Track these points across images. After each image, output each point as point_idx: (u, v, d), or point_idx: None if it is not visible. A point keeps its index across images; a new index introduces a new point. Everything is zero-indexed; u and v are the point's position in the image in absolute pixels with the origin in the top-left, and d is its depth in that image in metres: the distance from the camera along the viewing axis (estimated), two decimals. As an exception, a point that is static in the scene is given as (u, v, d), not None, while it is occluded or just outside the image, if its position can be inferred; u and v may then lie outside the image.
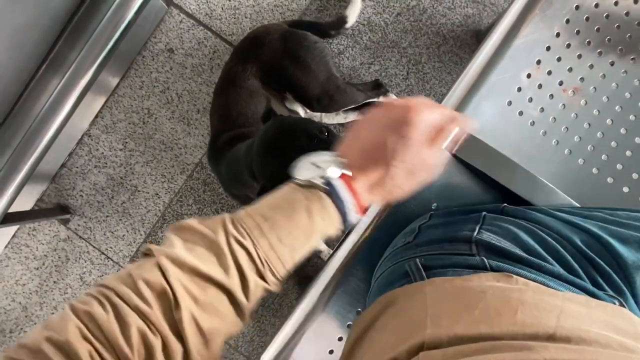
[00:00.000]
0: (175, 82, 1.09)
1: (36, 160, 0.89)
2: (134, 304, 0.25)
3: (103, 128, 1.10)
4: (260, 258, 0.30)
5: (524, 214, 0.44)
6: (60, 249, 1.11)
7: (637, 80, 0.57)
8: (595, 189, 0.56)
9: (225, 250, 0.29)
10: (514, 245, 0.39)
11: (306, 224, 0.32)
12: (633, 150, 0.56)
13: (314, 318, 0.55)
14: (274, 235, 0.30)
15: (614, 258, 0.37)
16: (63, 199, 1.11)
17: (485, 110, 0.54)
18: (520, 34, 0.54)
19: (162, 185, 1.10)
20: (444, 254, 0.41)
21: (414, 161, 0.34)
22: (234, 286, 0.28)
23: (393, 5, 1.07)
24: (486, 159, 0.52)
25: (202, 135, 1.09)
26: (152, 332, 0.25)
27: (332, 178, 0.33)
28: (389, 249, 0.50)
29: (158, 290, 0.26)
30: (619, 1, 0.57)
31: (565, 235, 0.40)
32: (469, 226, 0.43)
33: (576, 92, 0.56)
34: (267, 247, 0.30)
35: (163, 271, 0.27)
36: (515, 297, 0.30)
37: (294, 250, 0.31)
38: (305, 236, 0.32)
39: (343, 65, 1.08)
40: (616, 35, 0.57)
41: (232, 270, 0.28)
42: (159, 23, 1.08)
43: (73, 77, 0.93)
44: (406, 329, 0.31)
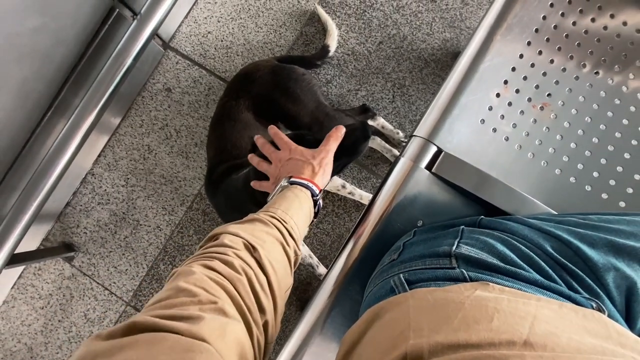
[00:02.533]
0: (173, 119, 1.15)
1: (42, 201, 0.93)
2: (231, 251, 0.37)
3: (106, 166, 1.15)
4: (280, 218, 0.47)
5: (499, 224, 0.46)
6: (65, 287, 1.12)
7: (603, 92, 0.60)
8: (574, 197, 0.57)
9: (264, 219, 0.45)
10: (490, 255, 0.41)
11: (295, 199, 0.52)
12: (607, 158, 0.58)
13: (312, 341, 0.55)
14: (281, 208, 0.49)
15: (584, 262, 0.38)
16: (68, 237, 1.14)
17: (460, 129, 0.58)
18: (486, 58, 0.58)
19: (163, 218, 1.12)
20: (426, 268, 0.43)
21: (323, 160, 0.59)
22: (278, 234, 0.44)
23: (375, 35, 1.14)
24: (464, 175, 0.55)
25: (200, 167, 1.14)
26: (248, 266, 0.37)
27: (288, 181, 0.56)
28: (378, 267, 0.52)
29: (239, 243, 0.39)
30: (576, 21, 0.61)
31: (538, 243, 0.41)
32: (448, 241, 0.45)
33: (545, 107, 0.59)
34: (281, 213, 0.48)
35: (235, 234, 0.40)
36: (491, 306, 0.31)
37: (294, 213, 0.50)
38: (298, 206, 0.52)
39: (331, 93, 1.13)
40: (577, 52, 0.60)
41: (272, 227, 0.45)
42: (156, 65, 1.16)
43: (77, 121, 0.99)
44: (390, 341, 0.32)
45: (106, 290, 1.12)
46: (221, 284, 0.33)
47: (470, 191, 0.54)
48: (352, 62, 1.14)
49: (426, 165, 0.57)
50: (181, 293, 0.30)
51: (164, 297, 0.30)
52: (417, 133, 0.58)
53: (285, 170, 0.60)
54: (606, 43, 0.61)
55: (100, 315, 1.11)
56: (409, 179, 0.57)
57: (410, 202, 0.57)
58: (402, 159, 0.58)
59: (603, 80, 0.61)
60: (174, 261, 1.11)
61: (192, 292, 0.30)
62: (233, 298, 0.32)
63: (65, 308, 1.12)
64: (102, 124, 1.02)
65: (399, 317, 0.35)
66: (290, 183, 0.55)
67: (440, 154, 0.57)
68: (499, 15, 0.59)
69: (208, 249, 0.38)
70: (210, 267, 0.34)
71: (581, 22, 0.61)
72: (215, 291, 0.32)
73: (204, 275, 0.33)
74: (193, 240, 1.11)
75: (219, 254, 0.37)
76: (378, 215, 0.57)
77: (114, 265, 1.12)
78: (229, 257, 0.36)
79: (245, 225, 0.43)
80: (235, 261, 0.36)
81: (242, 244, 0.39)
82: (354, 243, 0.57)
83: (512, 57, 0.59)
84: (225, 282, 0.33)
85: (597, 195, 0.57)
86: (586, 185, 0.58)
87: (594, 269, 0.38)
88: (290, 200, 0.51)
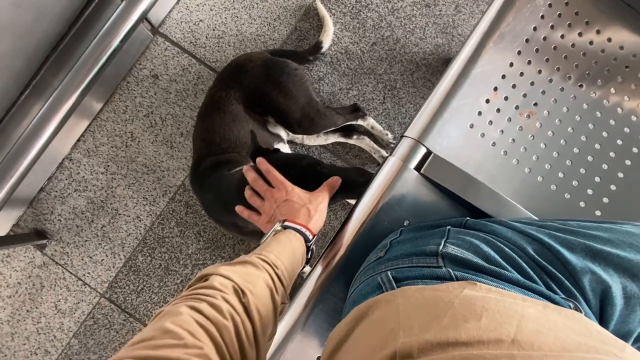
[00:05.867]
0: (159, 107, 1.12)
1: (14, 185, 0.89)
2: (220, 295, 0.37)
3: (85, 152, 1.10)
4: (272, 264, 0.46)
5: (484, 226, 0.47)
6: (35, 276, 1.07)
7: (586, 104, 0.62)
8: (554, 204, 0.59)
9: (256, 263, 0.44)
10: (475, 256, 0.42)
11: (288, 244, 0.52)
12: (586, 168, 0.60)
13: (293, 337, 0.55)
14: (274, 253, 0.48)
15: (563, 265, 0.40)
16: (40, 223, 1.09)
17: (450, 132, 0.58)
18: (478, 64, 0.59)
19: (144, 208, 1.09)
20: (413, 266, 0.44)
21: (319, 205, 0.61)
22: (269, 279, 0.44)
23: (369, 36, 1.14)
24: (452, 178, 0.56)
25: (185, 158, 1.11)
26: (236, 312, 0.36)
27: (282, 224, 0.56)
28: (363, 264, 0.52)
29: (229, 286, 0.39)
30: (564, 34, 0.63)
31: (520, 245, 0.43)
32: (435, 240, 0.45)
33: (531, 116, 0.61)
34: (274, 257, 0.47)
35: (226, 277, 0.39)
36: (479, 305, 0.32)
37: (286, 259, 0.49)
38: (291, 252, 0.51)
39: (323, 91, 1.13)
40: (564, 64, 0.63)
41: (264, 271, 0.44)
42: (144, 50, 1.12)
43: (56, 102, 0.94)
44: (379, 340, 0.32)
45: (79, 281, 1.07)
46: (207, 328, 0.33)
47: (457, 193, 0.55)
48: (345, 60, 1.14)
49: (415, 166, 0.58)
50: (167, 335, 0.30)
51: (148, 337, 0.30)
52: (408, 134, 0.59)
53: (281, 211, 0.59)
54: (591, 58, 0.63)
55: (72, 307, 1.07)
56: (397, 179, 0.57)
57: (398, 201, 0.57)
58: (391, 159, 0.59)
59: (586, 93, 0.63)
60: (154, 253, 1.08)
61: (178, 334, 0.30)
62: (217, 345, 0.32)
63: (35, 298, 1.07)
64: (83, 107, 0.98)
65: (387, 315, 0.35)
66: (284, 227, 0.55)
67: (429, 155, 0.58)
68: (492, 22, 0.61)
69: (197, 290, 0.38)
70: (197, 309, 0.34)
71: (569, 35, 0.63)
72: (200, 336, 0.32)
73: (190, 317, 0.33)
74: (174, 233, 1.08)
75: (208, 296, 0.36)
76: (365, 213, 0.57)
77: (89, 255, 1.08)
78: (217, 300, 0.36)
79: (237, 267, 0.42)
80: (223, 305, 0.35)
81: (231, 288, 0.38)
82: (340, 241, 0.57)
83: (503, 64, 0.61)
84: (211, 328, 0.33)
85: (576, 203, 0.60)
86: (566, 193, 0.60)
87: (572, 272, 0.40)
88: (283, 245, 0.51)
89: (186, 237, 1.08)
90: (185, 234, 1.08)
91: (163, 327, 0.31)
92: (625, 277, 0.40)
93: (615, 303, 0.40)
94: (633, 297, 0.40)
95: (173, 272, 1.07)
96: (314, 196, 0.60)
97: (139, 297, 1.07)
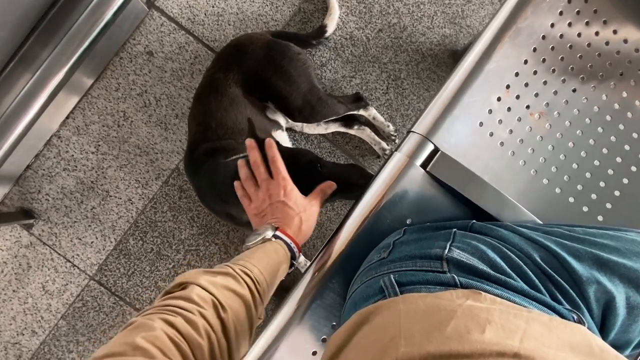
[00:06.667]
0: (153, 86, 1.07)
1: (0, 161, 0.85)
2: (197, 310, 0.35)
3: (74, 130, 1.06)
4: (255, 279, 0.45)
5: (490, 231, 0.46)
6: (22, 256, 1.04)
7: (597, 107, 0.61)
8: (558, 207, 0.59)
9: (238, 277, 0.43)
10: (481, 262, 0.41)
11: (274, 256, 0.51)
12: (592, 172, 0.60)
13: (289, 331, 0.54)
14: (258, 267, 0.47)
15: (569, 274, 0.39)
16: (27, 202, 1.05)
17: (458, 130, 0.57)
18: (492, 59, 0.57)
19: (136, 191, 1.06)
20: (417, 270, 0.43)
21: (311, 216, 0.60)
22: (249, 296, 0.42)
23: (375, 22, 1.10)
24: (458, 177, 0.54)
25: (180, 141, 1.07)
26: (212, 329, 0.35)
27: (274, 234, 0.54)
28: (365, 263, 0.51)
29: (208, 300, 0.37)
30: (581, 33, 0.61)
31: (527, 252, 0.42)
32: (440, 243, 0.44)
33: (541, 116, 0.60)
34: (257, 272, 0.46)
35: (206, 289, 0.38)
36: (483, 316, 0.31)
37: (269, 274, 0.48)
38: (276, 266, 0.50)
39: (325, 78, 1.09)
40: (578, 64, 0.61)
41: (245, 286, 0.43)
42: (138, 25, 1.06)
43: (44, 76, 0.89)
44: (380, 347, 0.31)
45: (68, 262, 1.05)
46: (179, 346, 0.32)
47: (464, 194, 0.53)
48: (349, 47, 1.10)
49: (421, 163, 0.56)
50: (138, 351, 0.29)
51: (118, 352, 0.29)
52: (416, 129, 0.57)
53: (273, 212, 0.57)
54: (605, 59, 0.61)
55: (60, 288, 1.05)
56: (402, 176, 0.56)
57: (401, 198, 0.56)
58: (397, 154, 0.57)
59: (598, 95, 0.61)
60: (145, 237, 1.06)
61: (149, 352, 0.29)
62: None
63: (21, 278, 1.04)
64: (72, 82, 0.93)
65: (389, 322, 0.34)
66: (275, 237, 0.53)
67: (436, 152, 0.56)
68: (510, 16, 0.58)
69: (173, 301, 0.36)
70: (171, 323, 0.33)
71: (585, 33, 0.61)
72: (172, 354, 0.31)
73: (163, 333, 0.32)
74: (167, 217, 1.06)
75: (184, 310, 0.35)
76: (368, 209, 0.56)
77: (78, 237, 1.05)
78: (194, 315, 0.34)
79: (218, 278, 0.40)
80: (199, 322, 0.34)
81: (210, 302, 0.37)
82: (340, 236, 0.56)
83: (517, 61, 0.59)
84: (184, 346, 0.32)
85: (579, 208, 0.59)
86: (570, 197, 0.59)
87: (578, 281, 0.39)
88: (269, 257, 0.50)
89: (179, 222, 1.06)
90: (179, 219, 1.06)
91: (134, 343, 0.30)
92: (630, 287, 0.40)
93: (618, 313, 0.40)
94: (636, 308, 0.40)
95: (165, 257, 1.05)
96: (309, 204, 0.58)
97: (129, 280, 1.05)
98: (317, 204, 0.60)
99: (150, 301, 1.05)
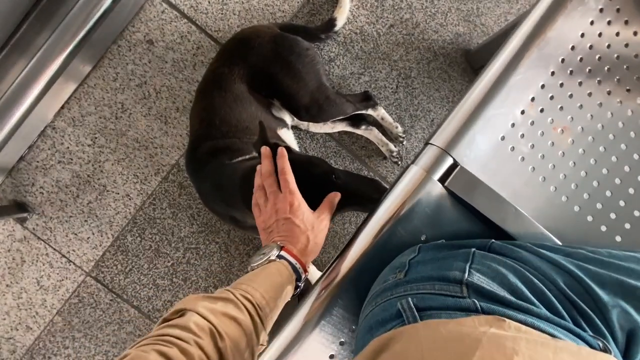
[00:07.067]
0: (153, 77, 1.02)
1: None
2: (193, 339, 0.34)
3: (70, 120, 1.01)
4: (257, 305, 0.43)
5: (511, 252, 0.44)
6: (15, 250, 1.01)
7: (622, 123, 0.59)
8: (575, 226, 0.57)
9: (239, 303, 0.41)
10: (502, 287, 0.40)
11: (277, 277, 0.49)
12: (613, 191, 0.58)
13: (295, 348, 0.53)
14: (260, 290, 0.45)
15: (594, 301, 0.38)
16: (20, 195, 1.01)
17: (479, 143, 0.54)
18: (518, 71, 0.54)
19: (134, 186, 1.03)
20: (436, 294, 0.41)
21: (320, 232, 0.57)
22: (249, 323, 0.41)
23: (387, 17, 1.05)
24: (478, 195, 0.52)
25: (181, 136, 1.03)
26: None
27: (278, 254, 0.52)
28: (378, 283, 0.49)
29: (205, 329, 0.36)
30: (611, 44, 0.58)
31: (550, 277, 0.41)
32: (459, 264, 0.43)
33: (565, 131, 0.57)
34: (259, 297, 0.44)
35: (204, 316, 0.37)
36: (509, 346, 0.30)
37: (272, 298, 0.46)
38: (280, 289, 0.49)
39: (333, 74, 1.05)
40: (606, 77, 0.58)
41: (246, 313, 0.41)
42: (138, 11, 1.00)
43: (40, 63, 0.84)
44: None
45: (63, 258, 1.02)
46: None
47: (483, 213, 0.51)
48: (359, 42, 1.05)
49: (439, 178, 0.53)
50: None
51: None
52: (434, 142, 0.54)
53: (279, 229, 0.55)
54: (634, 72, 0.59)
55: (56, 284, 1.02)
56: (419, 190, 0.53)
57: (417, 213, 0.54)
58: (414, 167, 0.54)
59: (623, 110, 0.59)
60: (144, 234, 1.03)
61: None
62: None
63: (15, 273, 1.02)
64: (68, 70, 0.88)
65: (410, 350, 0.33)
66: (279, 257, 0.51)
67: (455, 167, 0.53)
68: (539, 24, 0.55)
69: (169, 329, 0.35)
70: (166, 355, 0.32)
71: (615, 45, 0.58)
72: None
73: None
74: (166, 214, 1.03)
75: (180, 340, 0.34)
76: (382, 223, 0.53)
77: (74, 232, 1.02)
78: (190, 346, 0.34)
79: (218, 305, 0.39)
80: (195, 352, 0.33)
81: (208, 330, 0.36)
82: (352, 250, 0.54)
83: (544, 72, 0.56)
84: None
85: (597, 227, 0.57)
86: (588, 215, 0.57)
87: (603, 309, 0.39)
88: (272, 278, 0.48)
89: (179, 219, 1.03)
90: (178, 216, 1.03)
91: None
92: None
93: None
94: None
95: (164, 254, 1.03)
96: (317, 220, 0.56)
97: (127, 277, 1.03)
98: (326, 218, 0.57)
99: (148, 299, 1.03)
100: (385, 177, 1.07)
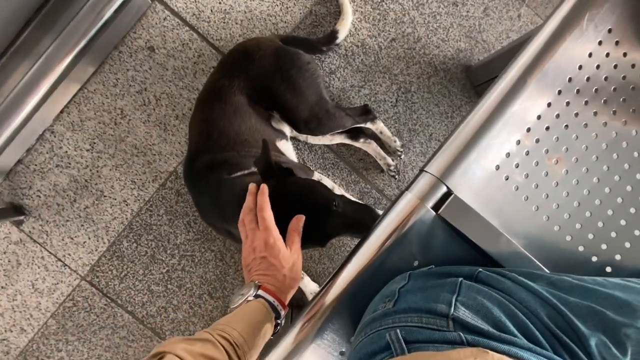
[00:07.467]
0: (153, 84, 1.02)
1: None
2: None
3: (69, 125, 1.01)
4: (235, 344, 0.45)
5: (497, 283, 0.46)
6: (11, 252, 1.02)
7: (616, 155, 0.59)
8: (566, 255, 0.58)
9: (215, 342, 0.43)
10: (485, 322, 0.41)
11: (258, 315, 0.51)
12: (604, 221, 0.58)
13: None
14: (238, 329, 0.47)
15: (576, 334, 0.40)
16: (17, 197, 1.01)
17: (474, 172, 0.54)
18: (516, 102, 0.54)
19: (132, 192, 1.03)
20: (423, 327, 0.42)
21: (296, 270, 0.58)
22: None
23: (389, 30, 1.06)
24: (471, 224, 0.53)
25: (180, 143, 1.04)
26: None
27: (256, 293, 0.52)
28: (368, 312, 0.50)
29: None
30: (608, 76, 0.58)
31: (534, 310, 0.42)
32: (445, 295, 0.44)
33: (559, 162, 0.58)
34: (237, 335, 0.46)
35: (182, 358, 0.38)
36: None
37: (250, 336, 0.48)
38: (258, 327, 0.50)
39: (333, 86, 1.05)
40: (602, 109, 0.58)
41: (223, 352, 0.43)
42: (140, 17, 1.00)
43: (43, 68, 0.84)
44: None
45: (59, 262, 1.02)
46: None
47: (476, 242, 0.52)
48: (360, 55, 1.05)
49: (432, 206, 0.54)
50: None
51: None
52: (429, 169, 0.55)
53: (258, 267, 0.55)
54: (630, 104, 0.59)
55: (51, 287, 1.03)
56: (412, 217, 0.54)
57: (410, 240, 0.54)
58: (408, 195, 0.55)
59: (618, 142, 0.59)
60: (140, 240, 1.03)
61: None
62: None
63: (10, 275, 1.02)
64: (68, 75, 0.88)
65: None
66: (257, 297, 0.52)
67: (448, 195, 0.54)
68: (537, 56, 0.55)
69: None
70: None
71: (613, 77, 0.59)
72: None
73: None
74: (163, 221, 1.03)
75: None
76: (375, 250, 0.54)
77: (70, 236, 1.02)
78: None
79: (196, 346, 0.41)
80: None
81: None
82: (343, 275, 0.54)
83: (541, 103, 0.56)
84: None
85: (588, 257, 0.58)
86: (580, 245, 0.58)
87: (584, 341, 0.40)
88: (250, 317, 0.50)
89: (175, 226, 1.03)
90: (175, 223, 1.03)
91: None
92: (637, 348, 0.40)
93: None
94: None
95: (159, 260, 1.04)
96: (291, 257, 0.56)
97: (122, 283, 1.03)
98: (297, 251, 0.57)
99: (143, 304, 1.04)
100: (382, 190, 1.07)
